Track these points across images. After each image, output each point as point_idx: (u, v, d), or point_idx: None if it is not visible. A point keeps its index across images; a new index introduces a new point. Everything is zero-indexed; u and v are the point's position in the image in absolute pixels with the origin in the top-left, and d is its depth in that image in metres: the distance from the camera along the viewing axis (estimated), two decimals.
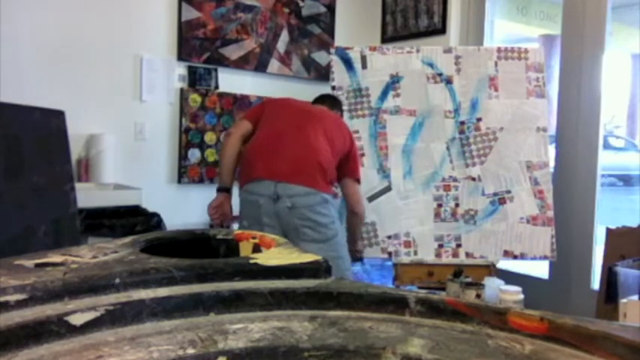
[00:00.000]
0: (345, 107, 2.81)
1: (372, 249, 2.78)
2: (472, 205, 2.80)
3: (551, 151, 2.89)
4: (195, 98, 3.16)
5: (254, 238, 1.00)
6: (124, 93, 2.96)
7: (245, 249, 0.99)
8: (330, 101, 2.61)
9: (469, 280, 2.45)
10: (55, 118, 1.75)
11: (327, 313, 0.75)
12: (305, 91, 3.57)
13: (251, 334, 0.67)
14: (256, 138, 2.32)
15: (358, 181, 2.46)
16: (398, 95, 2.86)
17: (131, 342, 0.63)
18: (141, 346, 0.62)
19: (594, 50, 2.85)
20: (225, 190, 2.37)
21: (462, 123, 2.82)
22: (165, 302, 0.71)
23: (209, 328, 0.68)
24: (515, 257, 2.77)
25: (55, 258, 0.80)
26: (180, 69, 3.13)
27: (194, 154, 3.17)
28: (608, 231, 2.50)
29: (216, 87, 3.25)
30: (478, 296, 2.35)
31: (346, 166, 2.39)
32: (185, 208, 3.16)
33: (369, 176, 2.79)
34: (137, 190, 2.58)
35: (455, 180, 2.82)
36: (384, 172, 2.83)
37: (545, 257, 2.75)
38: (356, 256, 2.66)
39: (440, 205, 2.81)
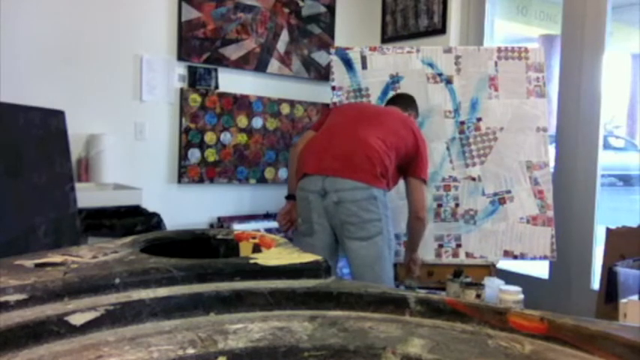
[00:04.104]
0: None
1: None
2: (472, 205, 2.80)
3: (551, 151, 2.89)
4: (195, 98, 3.16)
5: (254, 238, 1.00)
6: (124, 93, 2.96)
7: (245, 249, 0.99)
8: (402, 102, 2.58)
9: (469, 280, 2.45)
10: (55, 118, 1.75)
11: (327, 313, 0.75)
12: (305, 91, 3.58)
13: (251, 334, 0.67)
14: (309, 140, 2.38)
15: (424, 182, 2.37)
16: None
17: (131, 342, 0.63)
18: (141, 346, 0.62)
19: (594, 50, 2.85)
20: (292, 198, 2.42)
21: (462, 123, 2.82)
22: (165, 302, 0.71)
23: (209, 328, 0.68)
24: (515, 257, 2.77)
25: (55, 258, 0.80)
26: (180, 69, 3.13)
27: (194, 154, 3.17)
28: (608, 231, 2.49)
29: (216, 87, 3.25)
30: (478, 296, 2.35)
31: (411, 165, 2.34)
32: (185, 208, 3.16)
33: None
34: (137, 190, 2.57)
35: (455, 180, 2.82)
36: None
37: (545, 257, 2.75)
38: (410, 273, 2.56)
39: (440, 205, 2.81)
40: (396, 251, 2.75)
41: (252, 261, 0.84)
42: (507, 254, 2.76)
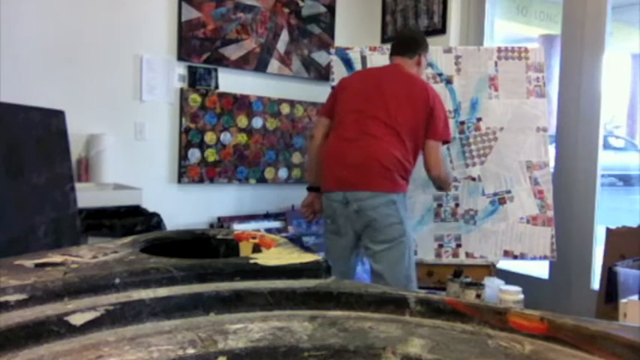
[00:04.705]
0: None
1: None
2: (472, 205, 2.80)
3: (551, 151, 2.89)
4: (195, 98, 3.16)
5: (254, 238, 1.00)
6: (124, 93, 2.96)
7: (245, 249, 0.99)
8: (406, 48, 2.45)
9: (469, 280, 2.45)
10: (55, 118, 1.75)
11: (327, 313, 0.75)
12: (305, 91, 3.58)
13: (251, 334, 0.67)
14: (327, 143, 2.39)
15: (441, 141, 2.35)
16: None
17: (131, 342, 0.63)
18: (141, 346, 0.62)
19: (594, 50, 2.85)
20: (314, 189, 2.49)
21: (462, 123, 2.82)
22: (165, 302, 0.71)
23: (209, 328, 0.68)
24: (515, 257, 2.77)
25: (55, 258, 0.80)
26: (180, 69, 3.13)
27: (194, 154, 3.17)
28: (608, 231, 2.49)
29: (216, 87, 3.25)
30: (478, 296, 2.35)
31: (427, 128, 2.32)
32: (185, 208, 3.16)
33: None
34: (137, 190, 2.57)
35: (455, 180, 2.81)
36: None
37: (545, 257, 2.75)
38: None
39: (440, 205, 2.81)
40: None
41: (252, 261, 0.84)
42: (507, 254, 2.76)
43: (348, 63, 2.91)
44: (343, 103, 2.40)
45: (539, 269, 3.11)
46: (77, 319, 0.64)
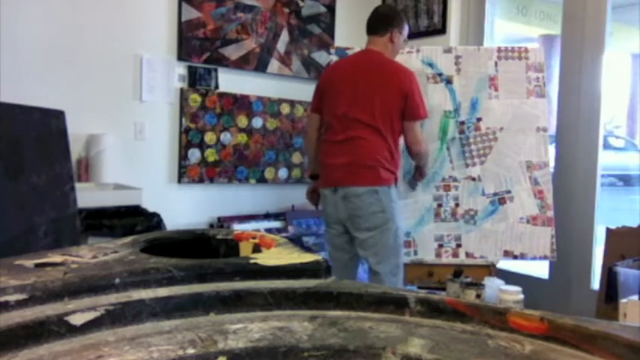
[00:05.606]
0: None
1: None
2: (472, 205, 2.80)
3: (551, 151, 2.89)
4: (195, 98, 3.16)
5: (254, 238, 1.00)
6: (124, 93, 2.96)
7: (245, 249, 0.99)
8: (379, 26, 2.53)
9: (469, 280, 2.45)
10: (55, 118, 1.75)
11: (327, 313, 0.75)
12: (305, 91, 3.57)
13: (251, 334, 0.67)
14: (321, 146, 2.57)
15: (418, 121, 2.49)
16: None
17: (131, 342, 0.63)
18: (141, 346, 0.62)
19: (594, 50, 2.85)
20: (316, 177, 2.67)
21: (462, 123, 2.82)
22: (165, 302, 0.71)
23: (209, 328, 0.68)
24: (515, 257, 2.77)
25: (55, 258, 0.80)
26: (180, 69, 3.13)
27: (194, 154, 3.17)
28: (608, 231, 2.49)
29: (216, 87, 3.25)
30: (478, 296, 2.35)
31: (405, 112, 2.44)
32: (185, 208, 3.16)
33: None
34: (137, 190, 2.57)
35: (455, 180, 2.81)
36: None
37: (545, 257, 2.75)
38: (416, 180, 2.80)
39: (440, 205, 2.81)
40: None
41: (252, 261, 0.84)
42: (507, 254, 2.76)
43: None
44: (329, 106, 2.52)
45: (539, 269, 3.11)
46: (77, 319, 0.64)
